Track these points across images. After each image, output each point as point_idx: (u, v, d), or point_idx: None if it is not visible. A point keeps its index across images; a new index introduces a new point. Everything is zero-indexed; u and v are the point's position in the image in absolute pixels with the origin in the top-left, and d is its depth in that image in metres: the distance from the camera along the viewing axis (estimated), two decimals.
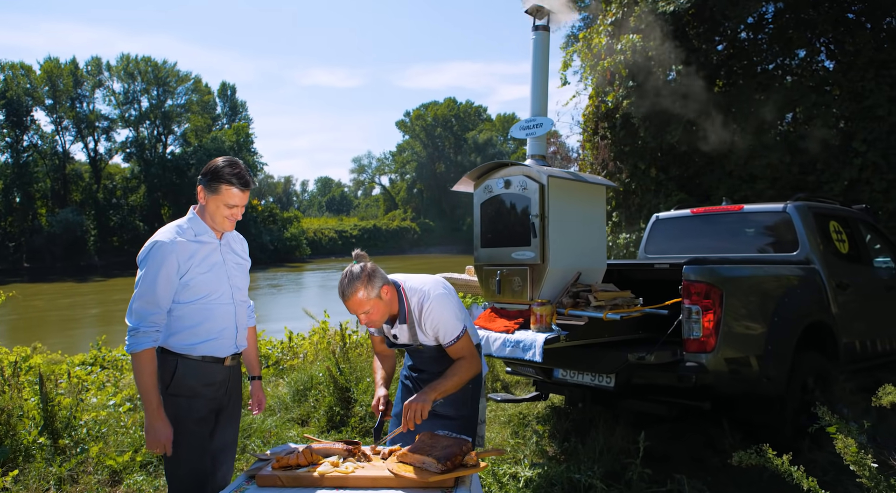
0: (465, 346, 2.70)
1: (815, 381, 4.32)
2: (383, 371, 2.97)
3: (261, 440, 4.78)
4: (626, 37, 10.77)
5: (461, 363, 2.68)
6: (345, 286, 2.54)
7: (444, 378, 2.64)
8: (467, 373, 2.68)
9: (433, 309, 2.64)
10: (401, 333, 2.75)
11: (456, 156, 77.25)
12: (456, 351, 2.69)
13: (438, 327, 2.65)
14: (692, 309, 3.78)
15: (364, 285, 2.52)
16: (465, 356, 2.69)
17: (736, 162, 10.44)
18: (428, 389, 2.60)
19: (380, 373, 2.96)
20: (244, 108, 65.99)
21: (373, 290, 2.53)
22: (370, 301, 2.54)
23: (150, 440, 2.44)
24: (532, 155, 4.25)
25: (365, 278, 2.52)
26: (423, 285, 2.70)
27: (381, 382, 2.92)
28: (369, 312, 2.56)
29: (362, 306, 2.54)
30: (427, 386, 2.63)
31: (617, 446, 4.05)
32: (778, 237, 5.05)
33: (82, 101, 55.14)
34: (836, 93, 10.24)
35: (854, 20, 10.51)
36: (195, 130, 59.22)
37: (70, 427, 4.30)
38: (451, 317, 2.65)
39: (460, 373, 2.66)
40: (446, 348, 2.69)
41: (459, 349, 2.69)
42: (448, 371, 2.67)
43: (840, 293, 4.74)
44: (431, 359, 2.79)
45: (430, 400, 2.55)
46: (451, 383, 2.63)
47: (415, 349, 2.81)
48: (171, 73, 58.32)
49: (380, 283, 2.56)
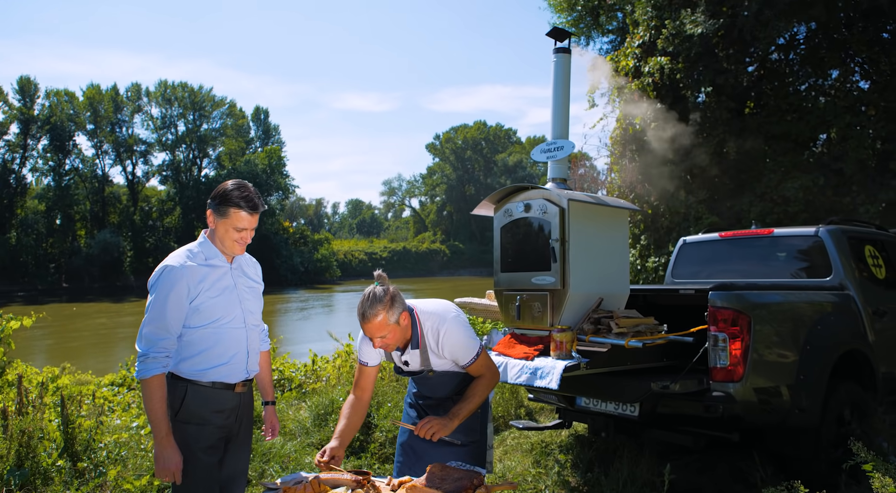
0: (484, 362, 2.68)
1: (852, 413, 4.12)
2: (347, 421, 2.73)
3: (279, 465, 4.74)
4: (654, 59, 10.71)
5: (480, 381, 2.66)
6: (366, 308, 2.48)
7: (465, 401, 2.61)
8: (487, 390, 2.67)
9: (450, 332, 2.61)
10: (412, 359, 2.70)
11: (486, 178, 77.45)
12: (476, 369, 2.67)
13: (456, 348, 2.62)
14: (719, 336, 3.65)
15: (386, 308, 2.48)
16: (485, 373, 2.68)
17: (768, 184, 10.22)
18: (451, 414, 2.56)
19: (342, 422, 2.73)
20: (277, 131, 67.24)
21: (393, 314, 2.49)
22: (389, 326, 2.50)
23: (160, 467, 2.41)
24: (553, 178, 4.19)
25: (388, 302, 2.49)
26: (435, 309, 2.67)
27: (339, 434, 2.69)
28: (386, 336, 2.52)
29: (381, 330, 2.50)
30: (450, 412, 2.58)
31: (642, 478, 3.90)
32: (810, 262, 4.88)
33: (122, 125, 56.99)
34: (871, 113, 10.00)
35: (889, 39, 10.28)
36: (229, 153, 60.53)
37: (90, 450, 4.31)
38: (468, 337, 2.64)
39: (480, 392, 2.64)
40: (466, 368, 2.66)
41: (479, 367, 2.66)
42: (468, 392, 2.64)
43: (877, 320, 4.55)
44: (438, 385, 2.74)
45: (452, 428, 2.52)
46: (473, 404, 2.61)
47: (422, 377, 2.75)
48: (206, 98, 59.85)
49: (400, 308, 2.53)
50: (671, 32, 10.39)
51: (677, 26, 10.34)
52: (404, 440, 2.79)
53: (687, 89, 10.56)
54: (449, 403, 2.72)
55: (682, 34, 10.21)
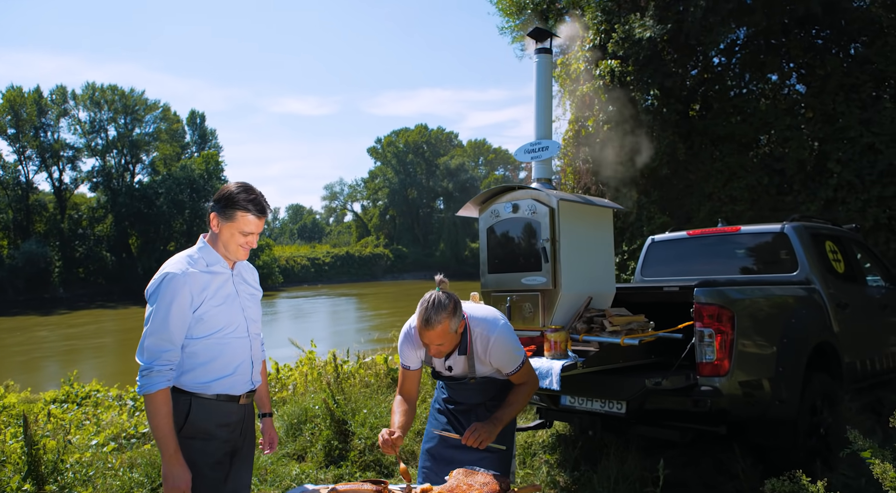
0: (527, 371, 2.67)
1: (823, 402, 4.30)
2: (405, 417, 2.69)
3: (257, 478, 4.57)
4: (605, 62, 10.94)
5: (522, 388, 2.65)
6: (431, 314, 2.41)
7: (508, 406, 2.60)
8: (528, 397, 2.67)
9: (499, 341, 2.58)
10: (456, 364, 2.66)
11: (428, 181, 77.46)
12: (519, 377, 2.65)
13: (504, 357, 2.60)
14: (705, 332, 3.73)
15: (450, 316, 2.43)
16: (527, 381, 2.66)
17: (715, 184, 10.59)
18: (495, 420, 2.54)
19: (399, 417, 2.69)
20: (214, 136, 65.30)
21: (455, 322, 2.45)
22: (449, 334, 2.45)
23: (168, 486, 2.26)
24: (538, 178, 4.20)
25: (451, 310, 2.44)
26: (485, 316, 2.64)
27: (399, 424, 2.65)
28: (444, 344, 2.47)
29: (442, 338, 2.45)
30: (493, 417, 2.56)
31: (633, 474, 3.95)
32: (776, 258, 5.06)
33: (46, 130, 54.10)
34: (809, 115, 10.50)
35: (822, 45, 10.83)
36: (164, 158, 58.42)
37: (56, 471, 4.05)
38: (515, 346, 2.62)
39: (522, 399, 2.64)
40: (510, 376, 2.64)
41: (522, 375, 2.65)
42: (510, 398, 2.63)
43: (840, 312, 4.75)
44: (472, 391, 2.71)
45: (497, 432, 2.50)
46: (514, 411, 2.61)
47: (461, 383, 2.70)
48: (138, 101, 57.59)
49: (461, 316, 2.49)
50: (620, 36, 10.64)
51: (626, 30, 10.60)
52: (431, 447, 2.73)
53: (636, 91, 10.83)
54: (480, 409, 2.69)
55: (632, 38, 10.48)
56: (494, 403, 2.67)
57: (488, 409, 2.66)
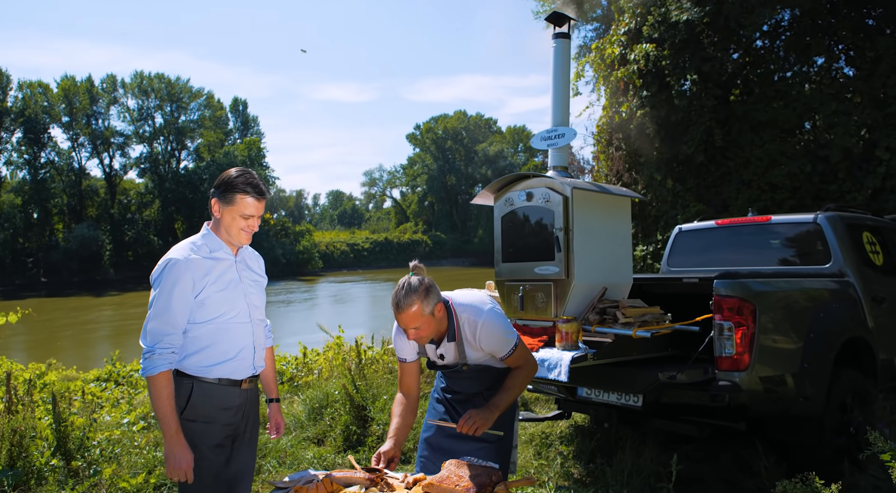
0: (522, 353, 2.63)
1: (854, 400, 4.13)
2: (401, 419, 2.67)
3: (276, 461, 4.66)
4: (640, 46, 10.67)
5: (519, 372, 2.62)
6: (401, 298, 2.44)
7: (504, 391, 2.57)
8: (526, 381, 2.64)
9: (487, 324, 2.56)
10: (447, 352, 2.65)
11: (467, 168, 77.24)
12: (514, 360, 2.62)
13: (494, 340, 2.58)
14: (724, 325, 3.62)
15: (421, 299, 2.43)
16: (523, 365, 2.63)
17: (755, 172, 10.25)
18: (491, 406, 2.52)
19: (396, 421, 2.67)
20: (256, 122, 66.49)
21: (428, 305, 2.45)
22: (423, 317, 2.44)
23: (170, 466, 2.32)
24: (554, 166, 4.12)
25: (423, 292, 2.44)
26: (471, 301, 2.63)
27: (394, 432, 2.63)
28: (420, 328, 2.47)
29: (415, 321, 2.45)
30: (490, 404, 2.54)
31: (647, 468, 3.88)
32: (808, 249, 4.88)
33: (98, 118, 55.91)
34: (857, 100, 10.04)
35: (874, 26, 10.33)
36: (208, 145, 59.73)
37: (83, 448, 4.20)
38: (505, 328, 2.60)
39: (519, 383, 2.60)
40: (504, 359, 2.62)
41: (517, 358, 2.62)
42: (506, 382, 2.60)
43: (876, 307, 4.56)
44: (469, 380, 2.69)
45: (493, 420, 2.47)
46: (512, 396, 2.58)
47: (454, 371, 2.69)
48: (184, 89, 58.93)
49: (435, 300, 2.48)
50: (657, 19, 10.35)
51: (663, 13, 10.31)
52: (429, 436, 2.73)
53: (672, 77, 10.54)
54: (479, 398, 2.68)
55: (668, 21, 10.19)
56: (492, 392, 2.64)
57: (486, 398, 2.64)
